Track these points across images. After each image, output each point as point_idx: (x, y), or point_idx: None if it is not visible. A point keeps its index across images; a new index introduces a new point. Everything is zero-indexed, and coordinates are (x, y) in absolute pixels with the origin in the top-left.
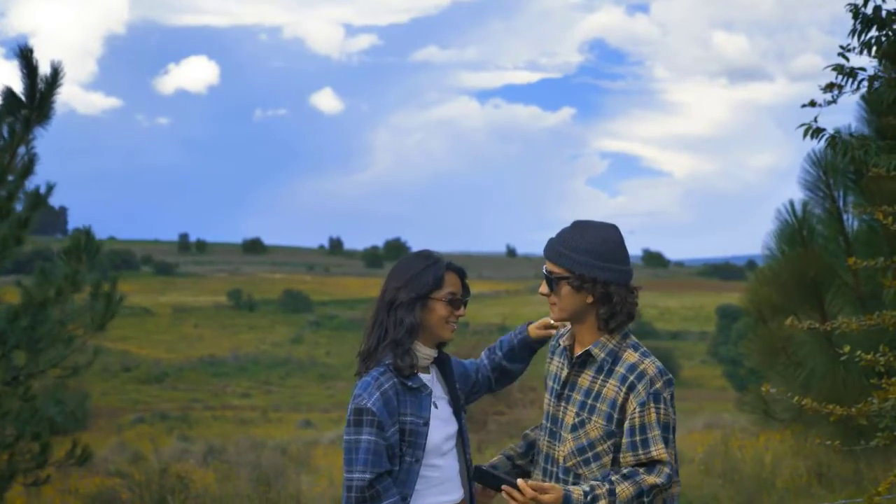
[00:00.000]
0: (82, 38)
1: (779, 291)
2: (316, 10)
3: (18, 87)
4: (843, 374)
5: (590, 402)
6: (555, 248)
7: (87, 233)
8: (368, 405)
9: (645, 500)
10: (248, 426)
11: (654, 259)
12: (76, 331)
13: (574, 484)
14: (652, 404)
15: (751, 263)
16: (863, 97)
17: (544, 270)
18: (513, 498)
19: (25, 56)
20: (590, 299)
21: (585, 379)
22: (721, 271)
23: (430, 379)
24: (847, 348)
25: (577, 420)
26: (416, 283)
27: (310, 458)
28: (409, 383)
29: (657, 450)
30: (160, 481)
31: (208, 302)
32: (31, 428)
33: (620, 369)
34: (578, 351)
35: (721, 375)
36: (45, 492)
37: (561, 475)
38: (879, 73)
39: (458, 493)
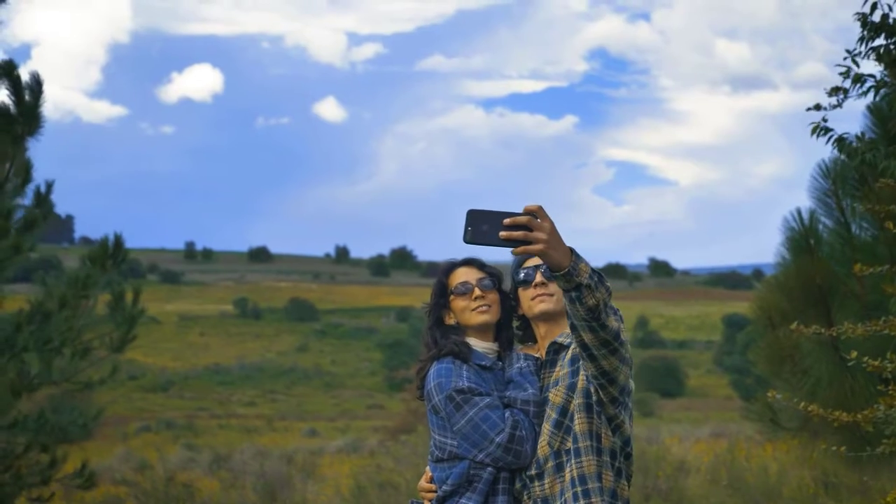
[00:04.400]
0: (86, 47)
1: (786, 298)
2: (320, 18)
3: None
4: (849, 383)
5: (560, 383)
6: None
7: (117, 238)
8: (465, 385)
9: (616, 316)
10: (254, 435)
11: (659, 268)
12: (93, 342)
13: (577, 465)
14: None
15: (757, 272)
16: (868, 107)
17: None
18: (518, 224)
19: (8, 71)
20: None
21: (558, 372)
22: (727, 280)
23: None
24: (854, 354)
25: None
26: (434, 292)
27: (315, 467)
28: (482, 363)
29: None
30: (166, 490)
31: (214, 310)
32: (41, 438)
33: None
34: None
35: (727, 385)
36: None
37: (552, 461)
38: (886, 80)
39: None
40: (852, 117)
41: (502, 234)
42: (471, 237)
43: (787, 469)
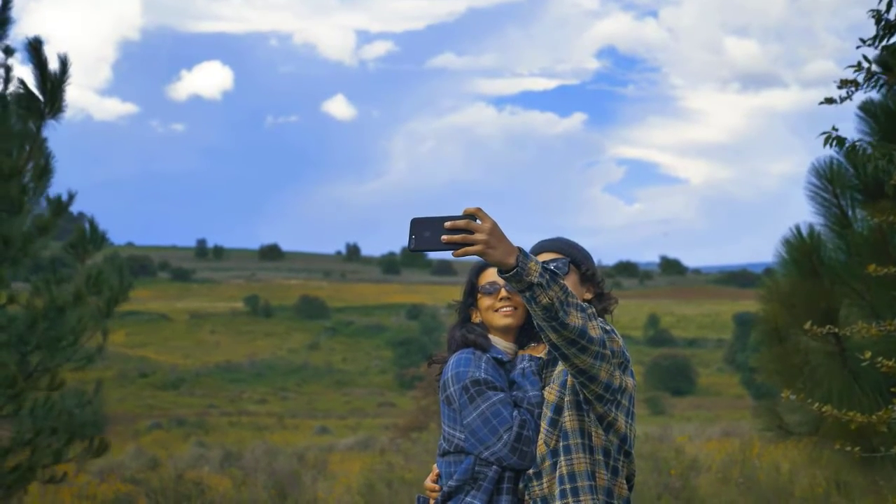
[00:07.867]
0: (97, 45)
1: (791, 315)
2: (330, 16)
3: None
4: (858, 396)
5: (555, 381)
6: (559, 241)
7: (90, 222)
8: (482, 376)
9: (587, 312)
10: (265, 432)
11: (671, 266)
12: (86, 323)
13: (566, 462)
14: None
15: (769, 271)
16: (860, 106)
17: (554, 259)
18: (457, 227)
19: (35, 48)
20: (588, 295)
21: (556, 369)
22: (738, 278)
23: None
24: (868, 354)
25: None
26: (464, 291)
27: (326, 465)
28: (498, 356)
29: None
30: (177, 487)
31: (225, 308)
32: (50, 423)
33: None
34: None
35: (738, 383)
36: (62, 497)
37: (548, 459)
38: None
39: None
40: (844, 115)
41: (443, 237)
42: (415, 244)
43: (799, 468)
